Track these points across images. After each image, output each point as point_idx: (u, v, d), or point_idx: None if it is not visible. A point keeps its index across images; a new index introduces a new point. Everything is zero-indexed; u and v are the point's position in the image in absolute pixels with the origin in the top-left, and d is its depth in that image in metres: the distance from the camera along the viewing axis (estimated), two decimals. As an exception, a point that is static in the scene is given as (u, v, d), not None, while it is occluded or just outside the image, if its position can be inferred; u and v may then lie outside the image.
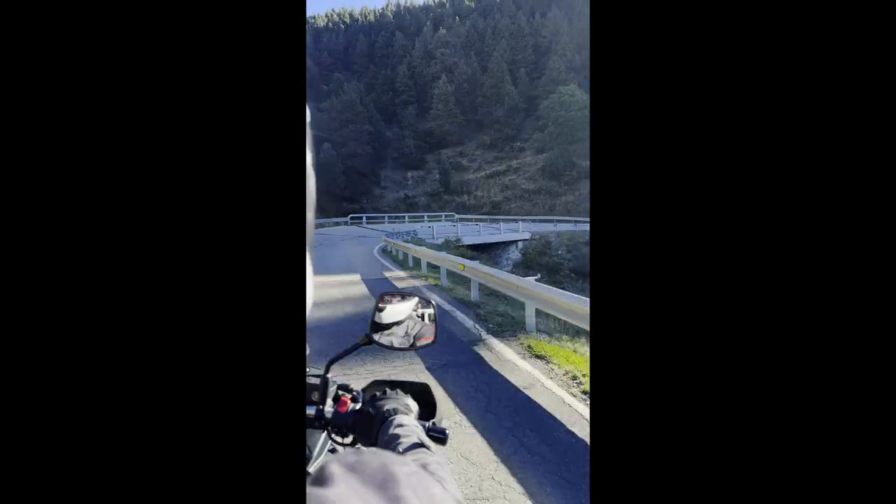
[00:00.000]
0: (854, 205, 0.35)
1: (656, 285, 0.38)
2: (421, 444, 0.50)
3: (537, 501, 1.96)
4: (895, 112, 0.34)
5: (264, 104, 0.30)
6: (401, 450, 0.50)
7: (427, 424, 0.64)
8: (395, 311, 0.81)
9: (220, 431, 0.29)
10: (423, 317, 0.83)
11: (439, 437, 0.63)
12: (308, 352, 0.43)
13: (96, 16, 0.29)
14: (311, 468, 0.65)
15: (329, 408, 0.68)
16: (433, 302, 0.86)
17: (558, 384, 3.28)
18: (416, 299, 0.84)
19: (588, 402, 2.97)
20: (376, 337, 0.76)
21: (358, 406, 0.68)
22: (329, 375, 0.70)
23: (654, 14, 0.38)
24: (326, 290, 6.99)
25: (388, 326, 0.79)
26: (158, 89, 0.29)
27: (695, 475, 0.37)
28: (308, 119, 0.33)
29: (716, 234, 0.37)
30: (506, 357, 3.90)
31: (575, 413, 2.77)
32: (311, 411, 0.68)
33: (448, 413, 2.72)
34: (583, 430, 2.56)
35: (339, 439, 0.68)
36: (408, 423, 0.58)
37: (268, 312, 0.29)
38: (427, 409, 0.70)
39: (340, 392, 0.71)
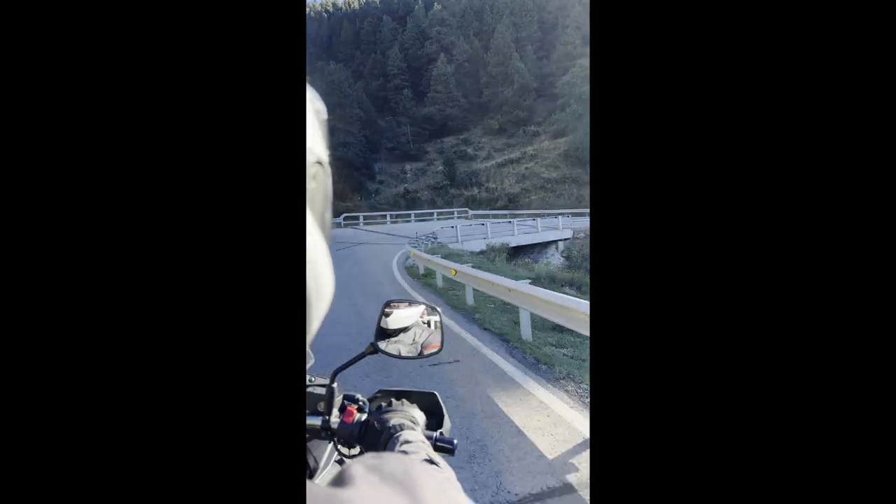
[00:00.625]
0: (855, 201, 0.35)
1: (657, 285, 0.38)
2: (429, 461, 0.49)
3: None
4: (895, 112, 0.34)
5: (263, 100, 0.29)
6: None
7: (434, 435, 0.64)
8: (401, 316, 0.79)
9: (215, 441, 0.27)
10: (429, 324, 0.82)
11: (447, 447, 0.63)
12: (313, 362, 0.42)
13: (93, 8, 0.28)
14: (318, 479, 0.63)
15: (335, 418, 0.67)
16: (439, 309, 0.84)
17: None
18: (423, 306, 0.82)
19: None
20: (382, 345, 0.75)
21: (364, 417, 0.67)
22: (335, 385, 0.69)
23: (656, 12, 0.37)
24: None
25: (395, 333, 0.78)
26: (153, 82, 0.28)
27: (695, 476, 0.36)
28: (325, 117, 0.32)
29: (718, 234, 0.37)
30: None
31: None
32: (317, 421, 0.67)
33: None
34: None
35: (345, 451, 0.67)
36: (414, 438, 0.57)
37: (266, 315, 0.28)
38: (434, 417, 0.70)
39: (346, 402, 0.70)
